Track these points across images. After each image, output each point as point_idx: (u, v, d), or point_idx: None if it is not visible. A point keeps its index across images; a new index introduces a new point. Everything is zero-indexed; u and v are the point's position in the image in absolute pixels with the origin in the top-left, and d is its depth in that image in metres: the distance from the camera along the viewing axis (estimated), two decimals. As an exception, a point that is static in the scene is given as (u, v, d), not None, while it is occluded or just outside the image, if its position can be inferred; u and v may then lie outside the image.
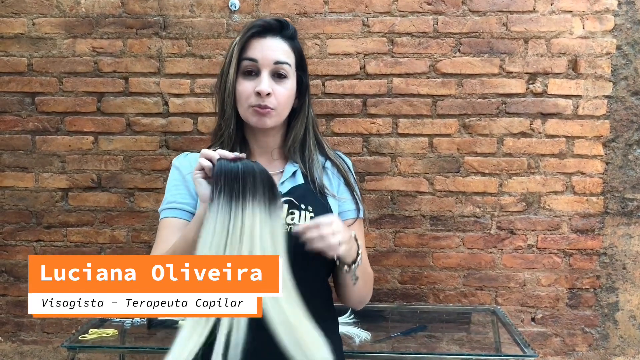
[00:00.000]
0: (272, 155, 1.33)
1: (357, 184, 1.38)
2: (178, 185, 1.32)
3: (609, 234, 2.38)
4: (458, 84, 2.37)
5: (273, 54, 1.24)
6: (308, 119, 1.33)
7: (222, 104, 1.29)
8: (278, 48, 1.25)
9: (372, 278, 1.33)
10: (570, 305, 2.40)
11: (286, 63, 1.25)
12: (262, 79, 1.23)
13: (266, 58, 1.23)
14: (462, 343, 2.13)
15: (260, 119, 1.25)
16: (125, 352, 2.23)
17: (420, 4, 2.36)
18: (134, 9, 2.40)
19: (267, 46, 1.24)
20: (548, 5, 2.33)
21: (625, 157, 2.37)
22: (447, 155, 2.39)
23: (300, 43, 1.32)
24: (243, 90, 1.24)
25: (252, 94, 1.23)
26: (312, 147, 1.33)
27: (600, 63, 2.34)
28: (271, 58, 1.24)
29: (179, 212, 1.29)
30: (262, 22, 1.26)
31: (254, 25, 1.26)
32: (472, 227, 2.40)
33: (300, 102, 1.33)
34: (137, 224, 2.44)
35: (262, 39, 1.25)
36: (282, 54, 1.25)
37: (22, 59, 2.42)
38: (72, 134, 2.44)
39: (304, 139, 1.33)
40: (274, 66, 1.24)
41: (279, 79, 1.25)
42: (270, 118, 1.25)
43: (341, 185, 1.33)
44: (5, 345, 2.50)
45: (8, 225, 2.47)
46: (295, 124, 1.32)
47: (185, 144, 2.40)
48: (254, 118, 1.25)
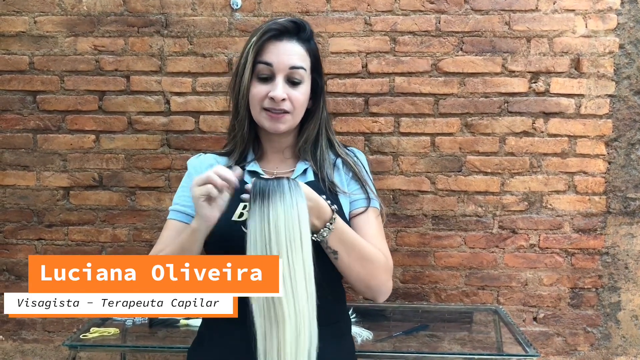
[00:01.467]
0: (283, 154, 1.34)
1: (371, 177, 1.37)
2: (185, 187, 1.31)
3: (611, 233, 2.37)
4: (460, 82, 2.36)
5: (289, 58, 1.23)
6: (321, 119, 1.33)
7: (236, 106, 1.28)
8: (294, 52, 1.24)
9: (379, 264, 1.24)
10: (572, 304, 2.40)
11: (301, 68, 1.24)
12: (276, 84, 1.22)
13: (282, 63, 1.22)
14: (464, 342, 2.13)
15: (274, 123, 1.25)
16: (126, 350, 2.23)
17: (422, 3, 2.35)
18: (135, 7, 2.39)
19: (282, 50, 1.23)
20: (551, 4, 2.33)
21: (628, 157, 2.36)
22: (449, 154, 2.38)
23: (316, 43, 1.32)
24: (257, 93, 1.24)
25: (266, 97, 1.23)
26: (324, 146, 1.33)
27: (602, 62, 2.33)
28: (287, 63, 1.22)
29: (182, 215, 1.29)
30: (279, 25, 1.24)
31: (270, 28, 1.24)
32: (474, 227, 2.39)
33: (314, 104, 1.32)
34: (139, 223, 2.44)
35: (279, 42, 1.23)
36: (297, 59, 1.24)
37: (24, 57, 2.42)
38: (73, 133, 2.44)
39: (316, 139, 1.33)
40: (289, 71, 1.23)
41: (294, 83, 1.24)
42: (284, 123, 1.25)
43: (350, 179, 1.34)
44: (7, 344, 2.50)
45: (9, 224, 2.47)
46: (309, 126, 1.33)
47: (187, 143, 2.40)
48: (268, 123, 1.25)
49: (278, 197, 1.03)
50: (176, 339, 2.06)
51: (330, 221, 1.14)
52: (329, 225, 1.14)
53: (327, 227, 1.14)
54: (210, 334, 1.29)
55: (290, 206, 1.04)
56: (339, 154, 1.35)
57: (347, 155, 1.36)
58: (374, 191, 1.34)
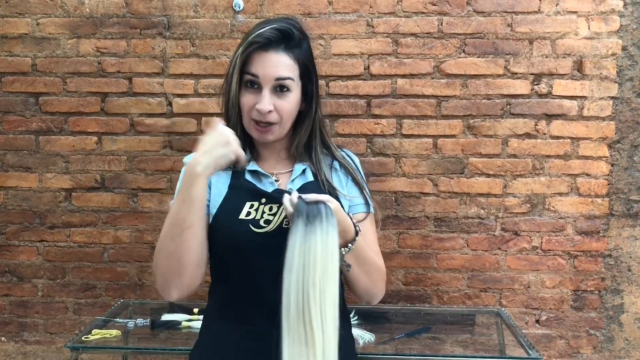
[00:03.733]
0: (279, 154, 1.34)
1: (364, 178, 1.38)
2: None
3: (614, 235, 2.37)
4: (462, 84, 2.36)
5: (274, 70, 1.22)
6: (314, 122, 1.33)
7: (227, 112, 1.29)
8: (280, 63, 1.22)
9: (380, 272, 1.29)
10: (575, 307, 2.39)
11: (288, 78, 1.23)
12: (263, 96, 1.22)
13: (267, 75, 1.22)
14: (466, 345, 2.12)
15: (261, 135, 1.26)
16: (128, 352, 2.23)
17: (424, 5, 2.35)
18: (138, 9, 2.40)
19: (268, 62, 1.22)
20: (553, 6, 2.32)
21: (631, 159, 2.35)
22: (452, 156, 2.38)
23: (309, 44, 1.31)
24: (246, 102, 1.24)
25: (253, 107, 1.23)
26: (318, 148, 1.33)
27: (605, 64, 2.33)
28: (272, 75, 1.22)
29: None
30: (263, 38, 1.22)
31: (254, 40, 1.22)
32: (476, 229, 2.39)
33: (307, 106, 1.32)
34: (141, 225, 2.44)
35: (265, 53, 1.22)
36: (284, 70, 1.23)
37: (26, 59, 2.42)
38: (75, 134, 2.44)
39: (309, 142, 1.33)
40: (275, 82, 1.22)
41: (282, 92, 1.24)
42: (272, 134, 1.26)
43: (349, 183, 1.34)
44: (9, 346, 2.50)
45: (11, 226, 2.47)
46: (301, 129, 1.32)
47: (189, 145, 2.39)
48: (255, 134, 1.26)
49: (317, 225, 1.09)
50: (178, 341, 2.05)
51: (352, 241, 1.18)
52: (351, 245, 1.18)
53: (348, 246, 1.18)
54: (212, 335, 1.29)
55: (327, 236, 1.09)
56: (336, 156, 1.36)
57: (344, 159, 1.36)
58: (369, 195, 1.36)
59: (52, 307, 2.49)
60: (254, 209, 1.22)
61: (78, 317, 2.48)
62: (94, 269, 2.46)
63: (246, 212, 1.22)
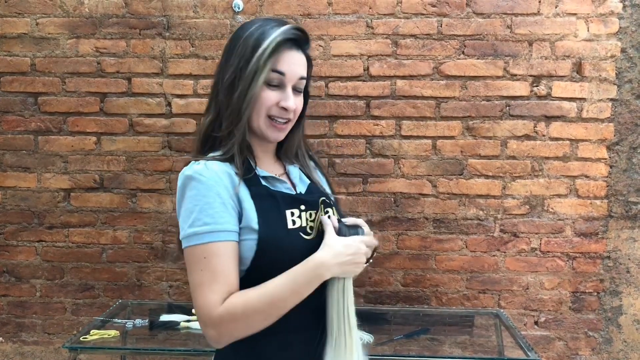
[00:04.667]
0: (272, 156, 1.34)
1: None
2: (212, 202, 1.14)
3: (613, 237, 2.37)
4: (462, 86, 2.36)
5: (298, 69, 1.22)
6: (304, 123, 1.35)
7: (238, 111, 1.20)
8: (302, 63, 1.24)
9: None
10: (573, 308, 2.39)
11: (305, 78, 1.25)
12: (287, 95, 1.21)
13: (293, 73, 1.21)
14: (464, 346, 2.12)
15: (277, 133, 1.24)
16: (126, 353, 2.23)
17: (424, 6, 2.35)
18: (137, 9, 2.39)
19: (294, 60, 1.22)
20: (552, 8, 2.33)
21: (630, 161, 2.36)
22: (451, 157, 2.38)
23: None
24: (267, 99, 1.20)
25: (274, 105, 1.21)
26: (303, 148, 1.35)
27: (604, 66, 2.33)
28: (297, 73, 1.22)
29: (226, 234, 1.13)
30: (295, 34, 1.21)
31: (286, 38, 1.20)
32: (475, 230, 2.39)
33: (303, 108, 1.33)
34: (139, 225, 2.44)
35: (292, 52, 1.22)
36: (304, 69, 1.24)
37: (25, 59, 2.42)
38: (74, 134, 2.44)
39: (299, 142, 1.35)
40: (297, 81, 1.23)
41: (297, 92, 1.24)
42: (285, 132, 1.26)
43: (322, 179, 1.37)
44: (7, 346, 2.50)
45: (10, 226, 2.47)
46: (298, 130, 1.33)
47: (188, 145, 2.40)
48: (270, 131, 1.23)
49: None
50: (176, 341, 2.05)
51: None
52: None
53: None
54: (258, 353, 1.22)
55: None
56: (311, 155, 1.38)
57: (314, 156, 1.39)
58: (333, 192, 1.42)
59: (50, 307, 2.48)
60: (296, 217, 1.20)
61: (76, 317, 2.48)
62: (92, 269, 2.46)
63: (291, 220, 1.19)
